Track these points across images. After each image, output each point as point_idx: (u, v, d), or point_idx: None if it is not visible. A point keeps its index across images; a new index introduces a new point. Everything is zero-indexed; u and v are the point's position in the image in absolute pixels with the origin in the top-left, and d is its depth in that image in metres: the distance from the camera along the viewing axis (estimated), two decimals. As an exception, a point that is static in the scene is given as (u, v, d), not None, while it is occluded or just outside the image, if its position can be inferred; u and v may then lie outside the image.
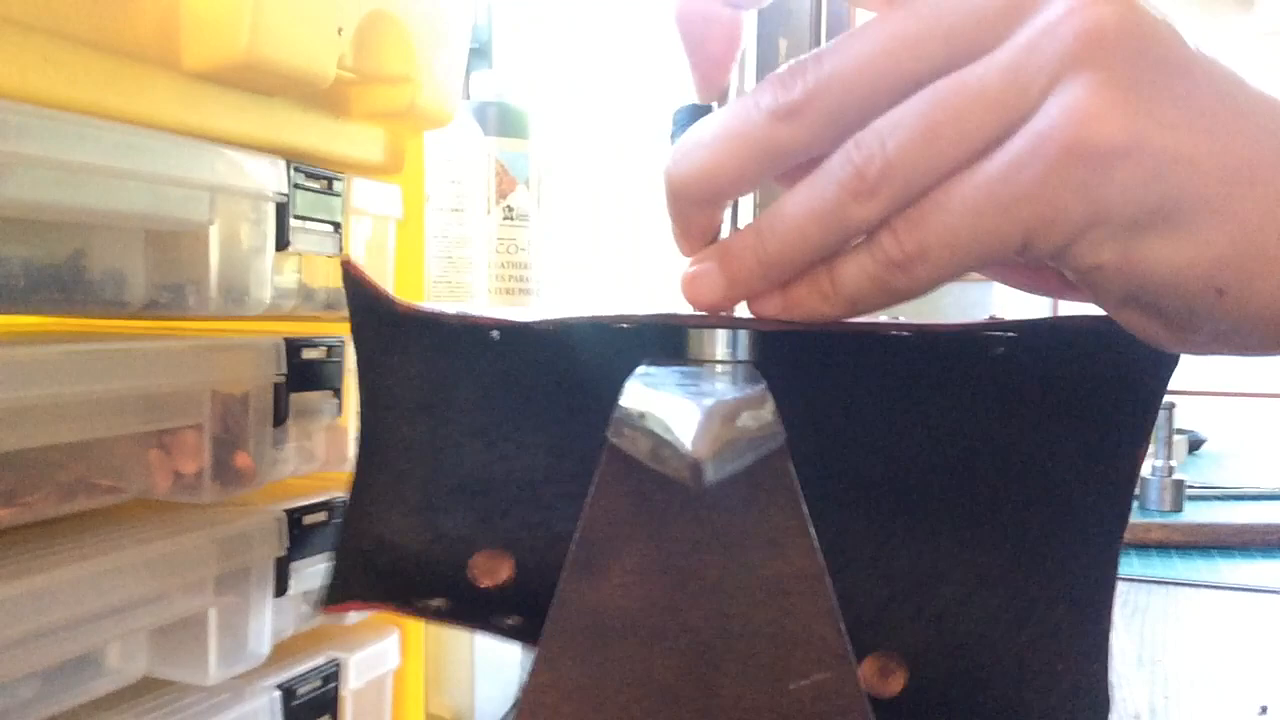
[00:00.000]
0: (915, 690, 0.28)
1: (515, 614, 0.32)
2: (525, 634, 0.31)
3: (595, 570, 0.23)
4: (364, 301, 0.32)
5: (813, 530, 0.23)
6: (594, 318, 0.29)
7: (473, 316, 0.30)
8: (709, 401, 0.20)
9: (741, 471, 0.20)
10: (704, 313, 0.27)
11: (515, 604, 0.32)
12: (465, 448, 0.33)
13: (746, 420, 0.21)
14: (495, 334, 0.32)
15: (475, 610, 0.32)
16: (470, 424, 0.33)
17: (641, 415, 0.21)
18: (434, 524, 0.33)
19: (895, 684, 0.28)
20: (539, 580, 0.32)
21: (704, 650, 0.23)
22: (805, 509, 0.23)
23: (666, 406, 0.20)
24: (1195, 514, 1.08)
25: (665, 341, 0.30)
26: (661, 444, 0.19)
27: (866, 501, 0.30)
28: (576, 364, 0.32)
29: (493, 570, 0.32)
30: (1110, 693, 0.27)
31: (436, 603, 0.32)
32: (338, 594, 0.33)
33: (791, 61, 0.24)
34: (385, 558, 0.33)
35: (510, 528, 0.33)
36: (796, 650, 0.23)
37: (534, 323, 0.30)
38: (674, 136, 0.53)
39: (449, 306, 0.31)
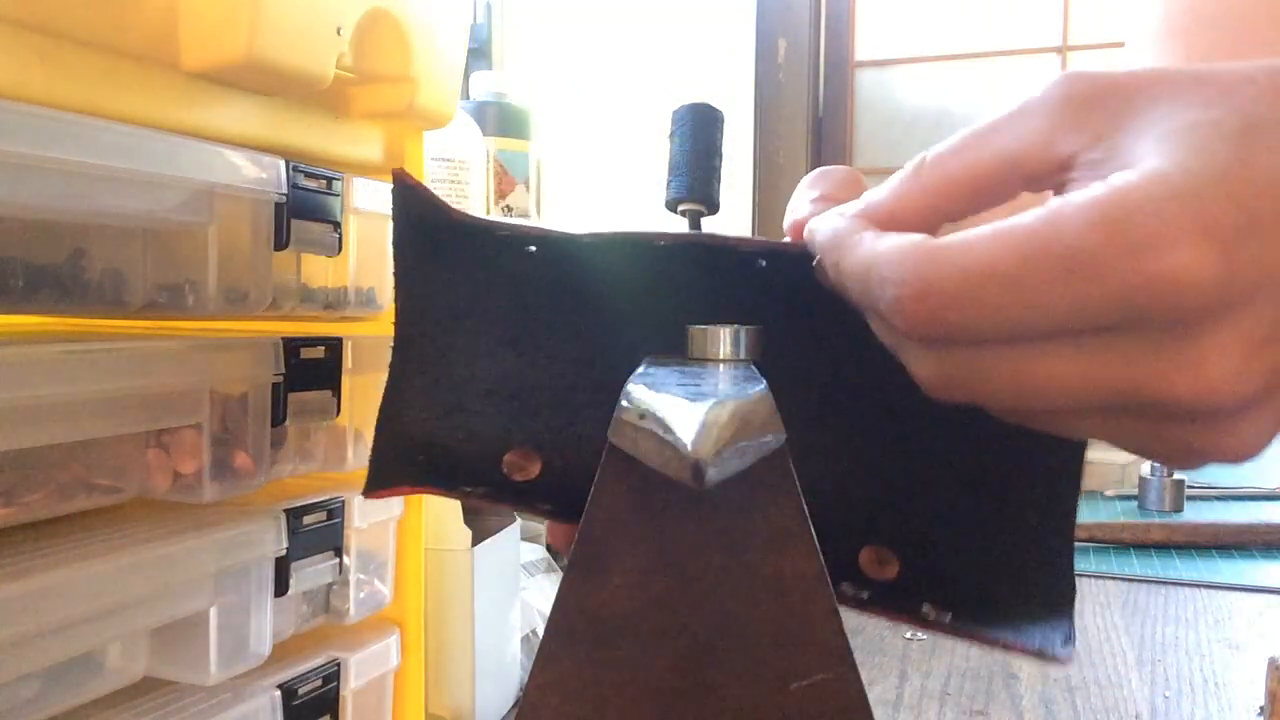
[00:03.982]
0: (907, 575, 0.32)
1: (549, 503, 0.34)
2: (560, 518, 0.34)
3: (596, 570, 0.23)
4: (412, 210, 0.34)
5: (813, 530, 0.23)
6: (632, 233, 0.31)
7: (521, 228, 0.33)
8: (710, 402, 0.20)
9: (742, 471, 0.20)
10: (737, 236, 0.30)
11: (548, 495, 0.35)
12: (498, 355, 0.35)
13: (747, 420, 0.21)
14: (533, 248, 0.34)
15: (513, 498, 0.35)
16: (504, 333, 0.35)
17: (642, 415, 0.21)
18: (467, 425, 0.35)
19: (890, 570, 0.32)
20: (565, 477, 0.35)
21: (705, 650, 0.23)
22: (806, 509, 0.23)
23: (667, 407, 0.20)
24: (1195, 514, 1.08)
25: (693, 262, 0.33)
26: (662, 445, 0.19)
27: (863, 418, 0.33)
28: (608, 279, 0.35)
29: (524, 468, 0.35)
30: (1074, 581, 0.31)
31: (476, 490, 0.35)
32: (378, 483, 0.35)
33: (908, 282, 0.23)
34: (422, 454, 0.35)
35: (538, 430, 0.35)
36: (797, 650, 0.23)
37: (576, 236, 0.33)
38: (673, 136, 0.53)
39: (494, 218, 0.34)
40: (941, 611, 0.31)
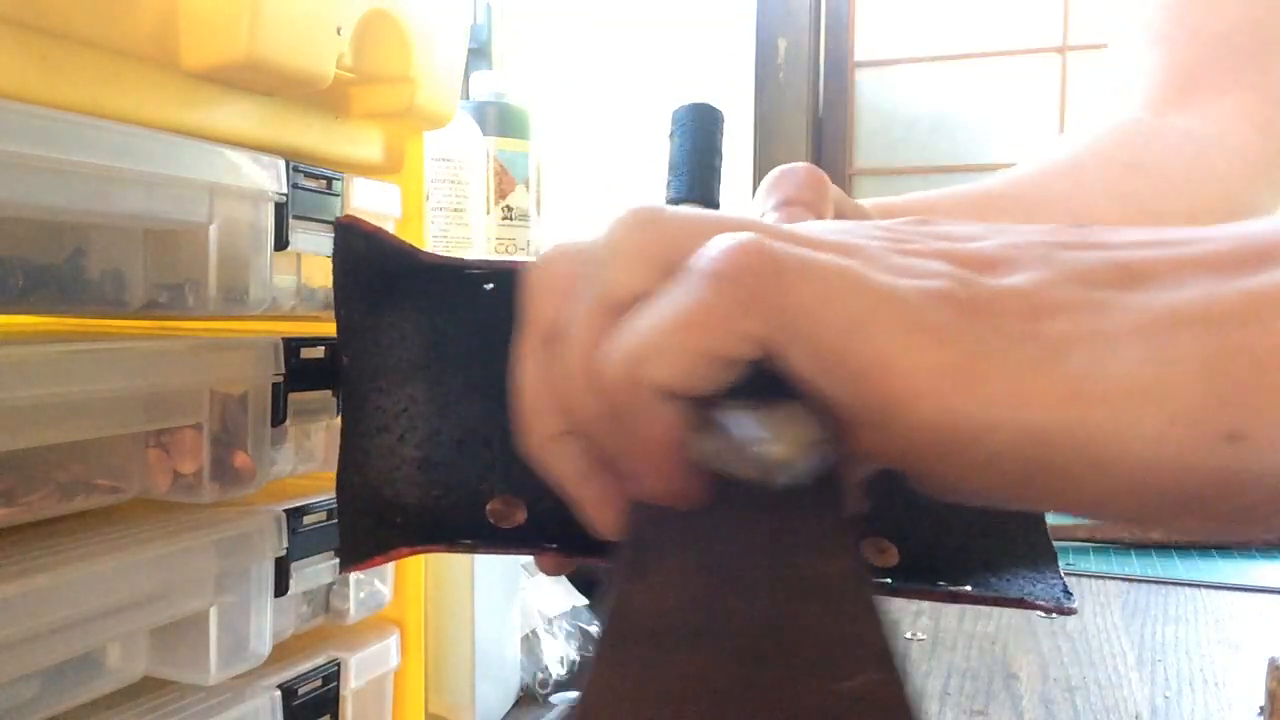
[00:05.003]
0: (908, 559, 0.34)
1: (550, 543, 0.33)
2: (569, 553, 0.33)
3: (644, 572, 0.23)
4: (358, 258, 0.31)
5: (854, 530, 0.23)
6: None
7: (478, 263, 0.32)
8: (782, 401, 0.20)
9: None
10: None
11: (544, 537, 0.33)
12: (464, 402, 0.33)
13: (815, 420, 0.21)
14: (490, 285, 0.32)
15: (516, 543, 0.34)
16: (468, 378, 0.33)
17: (710, 422, 0.20)
18: (442, 479, 0.33)
19: (891, 558, 0.34)
20: (553, 517, 0.33)
21: (754, 651, 0.23)
22: (846, 509, 0.23)
23: (736, 407, 0.20)
24: (1195, 514, 1.08)
25: None
26: (736, 445, 0.19)
27: None
28: None
29: (508, 515, 0.33)
30: (1050, 538, 0.33)
31: (467, 543, 0.33)
32: (360, 553, 0.33)
33: None
34: (399, 515, 0.33)
35: (516, 474, 0.33)
36: (842, 651, 0.23)
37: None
38: (673, 136, 0.53)
39: (450, 255, 0.32)
40: (958, 585, 0.32)
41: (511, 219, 0.98)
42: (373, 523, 0.33)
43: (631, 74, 1.66)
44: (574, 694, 0.70)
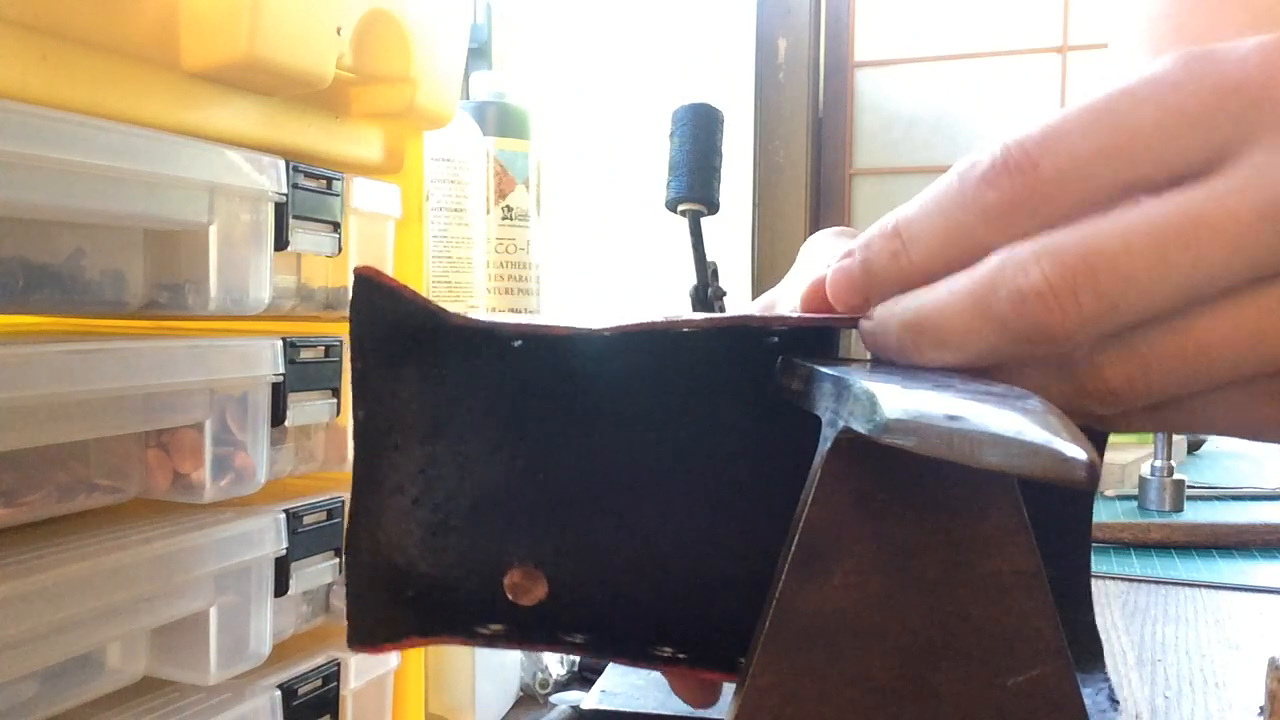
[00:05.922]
0: None
1: (579, 633, 0.31)
2: (596, 651, 0.31)
3: (817, 572, 0.23)
4: (378, 310, 0.30)
5: (1030, 530, 0.23)
6: (648, 324, 0.28)
7: (506, 324, 0.30)
8: (1038, 399, 0.20)
9: (965, 472, 0.19)
10: (776, 316, 0.28)
11: (569, 621, 0.31)
12: (484, 463, 0.32)
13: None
14: (518, 342, 0.30)
15: (537, 634, 0.31)
16: (489, 438, 0.32)
17: (953, 418, 0.19)
18: (458, 547, 0.32)
19: None
20: (576, 594, 0.31)
21: (924, 648, 0.23)
22: (1024, 509, 0.23)
23: (994, 409, 0.19)
24: (1195, 514, 1.08)
25: (704, 346, 0.30)
26: (1024, 447, 0.18)
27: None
28: (603, 371, 0.31)
29: (528, 589, 0.32)
30: (1099, 635, 0.32)
31: (484, 633, 0.31)
32: (372, 634, 0.31)
33: (998, 150, 0.23)
34: (412, 588, 0.32)
35: (537, 544, 0.32)
36: (1014, 646, 0.23)
37: (576, 331, 0.29)
38: (673, 136, 0.52)
39: (472, 316, 0.31)
40: None
41: (511, 219, 0.98)
42: (384, 596, 0.32)
43: (631, 74, 1.66)
44: (573, 694, 0.70)
